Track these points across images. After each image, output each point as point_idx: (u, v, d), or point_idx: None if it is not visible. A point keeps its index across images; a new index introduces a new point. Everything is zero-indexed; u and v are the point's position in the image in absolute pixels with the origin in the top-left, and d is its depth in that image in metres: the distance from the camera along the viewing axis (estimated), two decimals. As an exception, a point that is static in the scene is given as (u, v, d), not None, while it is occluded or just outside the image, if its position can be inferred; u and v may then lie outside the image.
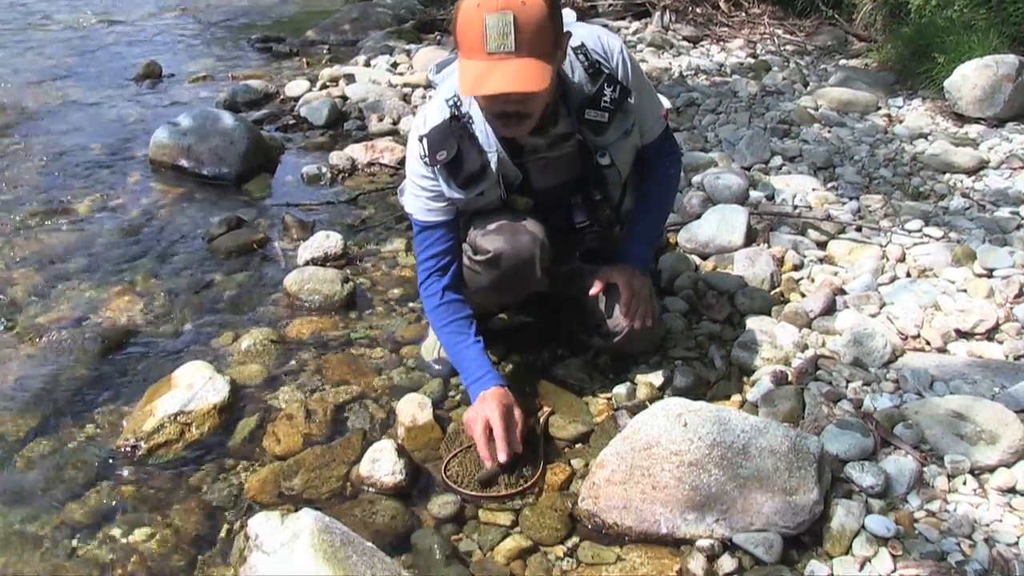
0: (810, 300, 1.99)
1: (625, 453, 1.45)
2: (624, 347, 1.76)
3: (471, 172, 1.53)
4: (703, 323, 1.99)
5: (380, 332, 2.06)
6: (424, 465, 1.60)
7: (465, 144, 1.52)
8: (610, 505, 1.42)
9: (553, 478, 1.56)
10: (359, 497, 1.53)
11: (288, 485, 1.55)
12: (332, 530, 1.29)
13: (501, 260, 1.58)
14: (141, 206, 2.80)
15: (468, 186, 1.56)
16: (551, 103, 1.52)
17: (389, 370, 1.91)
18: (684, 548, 1.38)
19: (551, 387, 1.81)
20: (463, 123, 1.53)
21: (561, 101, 1.56)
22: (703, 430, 1.42)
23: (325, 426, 1.71)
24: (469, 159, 1.52)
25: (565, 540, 1.43)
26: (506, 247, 1.57)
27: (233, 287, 2.29)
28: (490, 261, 1.59)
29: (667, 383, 1.77)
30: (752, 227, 2.29)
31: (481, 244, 1.60)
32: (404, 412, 1.71)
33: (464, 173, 1.53)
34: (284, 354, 1.97)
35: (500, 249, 1.57)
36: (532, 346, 1.93)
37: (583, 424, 1.70)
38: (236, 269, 2.39)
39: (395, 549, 1.40)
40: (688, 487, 1.38)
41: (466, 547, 1.43)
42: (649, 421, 1.47)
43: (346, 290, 2.19)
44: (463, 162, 1.52)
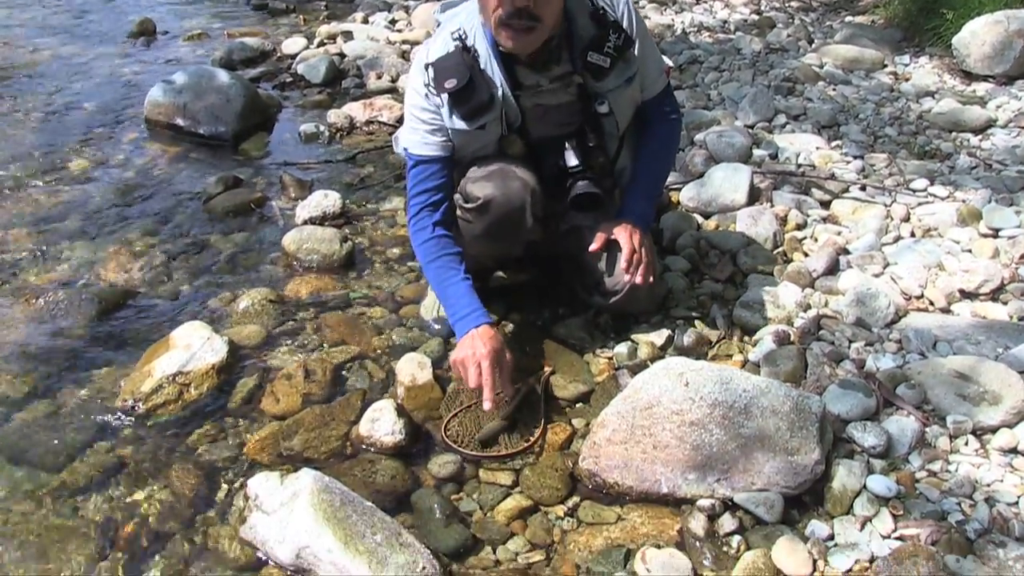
0: (813, 260, 1.96)
1: (626, 412, 1.43)
2: (625, 305, 1.75)
3: (480, 102, 1.52)
4: (705, 282, 1.97)
5: (379, 291, 2.05)
6: (424, 425, 1.59)
7: (476, 73, 1.51)
8: (611, 465, 1.41)
9: (554, 437, 1.56)
10: (359, 457, 1.52)
11: (287, 445, 1.54)
12: (332, 490, 1.30)
13: (491, 207, 1.57)
14: (137, 166, 2.76)
15: (473, 117, 1.55)
16: (556, 36, 1.52)
17: (388, 329, 1.90)
18: (685, 508, 1.37)
19: (552, 346, 1.79)
20: (472, 55, 1.53)
21: (565, 41, 1.55)
22: (705, 390, 1.40)
23: (324, 386, 1.70)
24: (479, 88, 1.52)
25: (566, 500, 1.43)
26: (496, 193, 1.56)
27: (231, 247, 2.27)
28: (481, 208, 1.58)
29: (668, 342, 1.76)
30: (755, 186, 2.26)
31: (472, 191, 1.59)
32: (403, 371, 1.69)
33: (473, 102, 1.52)
34: (283, 314, 1.95)
35: (490, 195, 1.56)
36: (532, 305, 1.92)
37: (584, 384, 1.69)
38: (234, 229, 2.36)
39: (395, 509, 1.39)
40: (689, 447, 1.37)
41: (466, 507, 1.42)
42: (650, 380, 1.46)
43: (345, 249, 2.17)
44: (473, 91, 1.51)
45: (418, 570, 1.21)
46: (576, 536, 1.35)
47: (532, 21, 1.45)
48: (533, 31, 1.47)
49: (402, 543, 1.25)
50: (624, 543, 1.33)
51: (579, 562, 1.31)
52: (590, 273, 1.74)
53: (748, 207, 2.18)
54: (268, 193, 2.56)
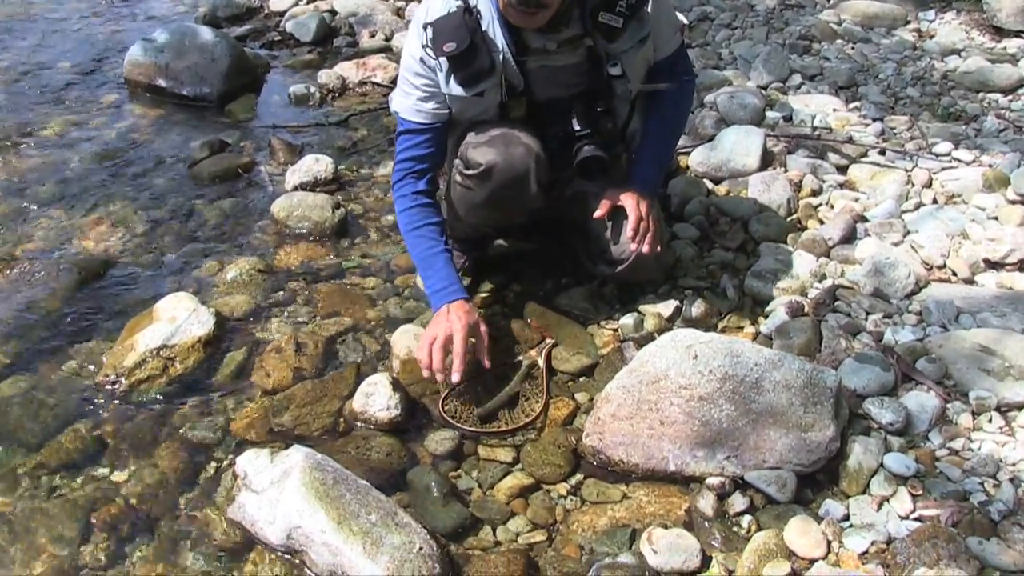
0: (829, 227, 1.94)
1: (632, 387, 1.42)
2: (631, 275, 1.73)
3: (480, 68, 1.50)
4: (715, 251, 1.96)
5: (374, 260, 2.03)
6: (420, 399, 1.59)
7: (477, 37, 1.49)
8: (616, 441, 1.40)
9: (556, 413, 1.55)
10: (352, 433, 1.51)
11: (278, 421, 1.53)
12: (324, 468, 1.28)
13: (494, 173, 1.54)
14: (116, 129, 2.71)
15: (471, 83, 1.52)
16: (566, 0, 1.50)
17: (383, 300, 1.88)
18: (693, 486, 1.37)
19: (554, 318, 1.78)
20: (475, 17, 1.51)
21: (574, 1, 1.53)
22: (714, 363, 1.39)
23: (316, 359, 1.68)
24: (480, 54, 1.49)
25: (568, 477, 1.42)
26: (499, 159, 1.53)
27: (217, 214, 2.24)
28: (482, 175, 1.55)
29: (676, 313, 1.75)
30: (768, 150, 2.24)
31: (472, 157, 1.56)
32: (399, 344, 1.68)
33: (472, 68, 1.50)
34: (272, 284, 1.93)
35: (492, 161, 1.53)
36: (534, 275, 1.91)
37: (588, 356, 1.68)
38: (220, 195, 2.33)
39: (390, 487, 1.38)
40: (698, 422, 1.36)
41: (465, 485, 1.42)
42: (657, 353, 1.44)
43: (337, 216, 2.15)
44: (474, 56, 1.49)
45: (415, 551, 1.20)
46: (579, 515, 1.34)
47: (540, 7, 1.45)
48: (542, 11, 1.46)
49: (398, 523, 1.24)
50: (629, 523, 1.32)
51: (582, 542, 1.30)
52: (595, 241, 1.73)
53: (760, 172, 2.15)
54: (256, 158, 2.53)
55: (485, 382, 1.59)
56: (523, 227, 1.87)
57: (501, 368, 1.62)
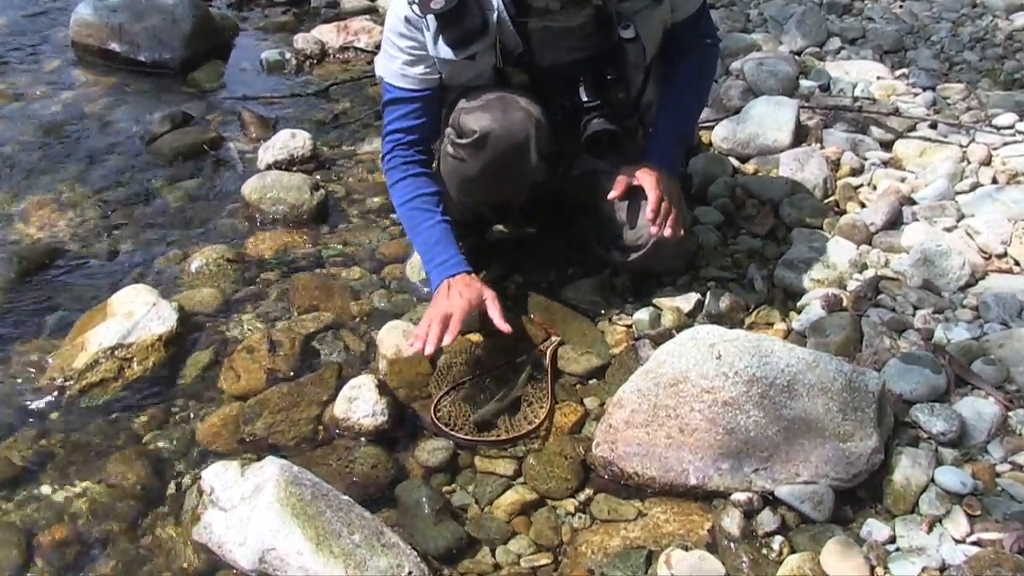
0: (871, 211, 1.94)
1: (647, 390, 1.43)
2: (648, 263, 1.74)
3: (471, 28, 1.50)
4: (741, 237, 1.96)
5: (357, 248, 2.04)
6: (410, 404, 1.59)
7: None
8: (629, 451, 1.41)
9: (562, 420, 1.55)
10: (333, 443, 1.52)
11: (249, 430, 1.54)
12: (301, 482, 1.29)
13: (489, 141, 1.55)
14: (63, 100, 2.72)
15: (461, 45, 1.52)
16: None
17: (368, 293, 1.89)
18: (717, 503, 1.37)
19: (560, 312, 1.79)
20: None
21: None
22: (740, 363, 1.39)
23: (292, 360, 1.69)
24: (471, 11, 1.49)
25: (576, 492, 1.42)
26: (495, 126, 1.54)
27: (180, 197, 2.25)
28: (476, 143, 1.56)
29: (698, 308, 1.76)
30: (802, 123, 2.25)
31: (466, 123, 1.57)
32: (386, 342, 1.68)
33: (463, 28, 1.50)
34: (243, 275, 1.95)
35: (488, 128, 1.54)
36: (537, 264, 1.92)
37: (598, 356, 1.68)
38: (183, 175, 2.34)
39: (376, 503, 1.39)
40: (722, 430, 1.36)
41: (460, 500, 1.42)
42: (676, 352, 1.45)
43: (316, 199, 2.17)
44: (464, 13, 1.49)
45: (403, 575, 1.20)
46: (589, 535, 1.35)
47: None
48: None
49: (384, 544, 1.24)
50: (645, 543, 1.32)
51: (592, 566, 1.30)
52: (607, 225, 1.73)
53: (793, 148, 2.17)
54: (224, 132, 2.54)
55: (483, 385, 1.60)
56: (524, 209, 1.88)
57: (500, 370, 1.63)
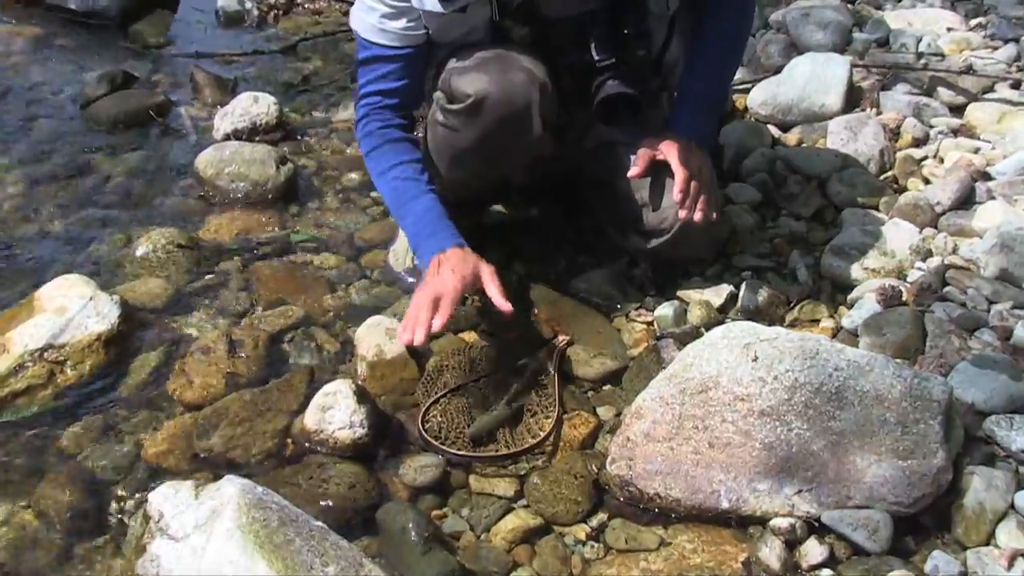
0: (937, 188, 1.95)
1: (671, 398, 1.43)
2: (673, 250, 1.75)
3: None
4: (782, 219, 1.98)
5: (332, 232, 2.05)
6: (394, 415, 1.60)
7: None
8: (650, 469, 1.41)
9: (572, 432, 1.56)
10: (304, 460, 1.52)
11: (205, 445, 1.54)
12: (266, 505, 1.27)
13: (485, 107, 1.55)
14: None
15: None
16: None
17: (345, 285, 1.90)
18: (753, 530, 1.37)
19: (569, 307, 1.80)
20: None
21: None
22: (781, 367, 1.39)
23: (256, 362, 1.70)
24: None
25: (588, 517, 1.42)
26: (492, 89, 1.54)
27: (122, 171, 2.25)
28: (470, 109, 1.56)
29: (730, 302, 1.77)
30: (855, 85, 2.26)
31: (458, 86, 1.57)
32: (366, 342, 1.69)
33: None
34: (198, 264, 1.95)
35: (484, 91, 1.54)
36: (543, 251, 1.93)
37: (613, 358, 1.69)
38: (125, 146, 2.34)
39: (354, 530, 1.38)
40: (759, 445, 1.36)
41: (452, 526, 1.42)
42: (705, 354, 1.45)
43: (283, 175, 2.18)
44: None
45: (386, 615, 1.20)
46: (603, 568, 1.34)
47: None
48: None
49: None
50: (669, 577, 1.33)
51: (607, 603, 1.31)
52: (626, 206, 1.73)
53: (844, 115, 2.17)
54: (174, 96, 2.54)
55: (479, 392, 1.60)
56: (528, 187, 1.88)
57: (499, 374, 1.63)
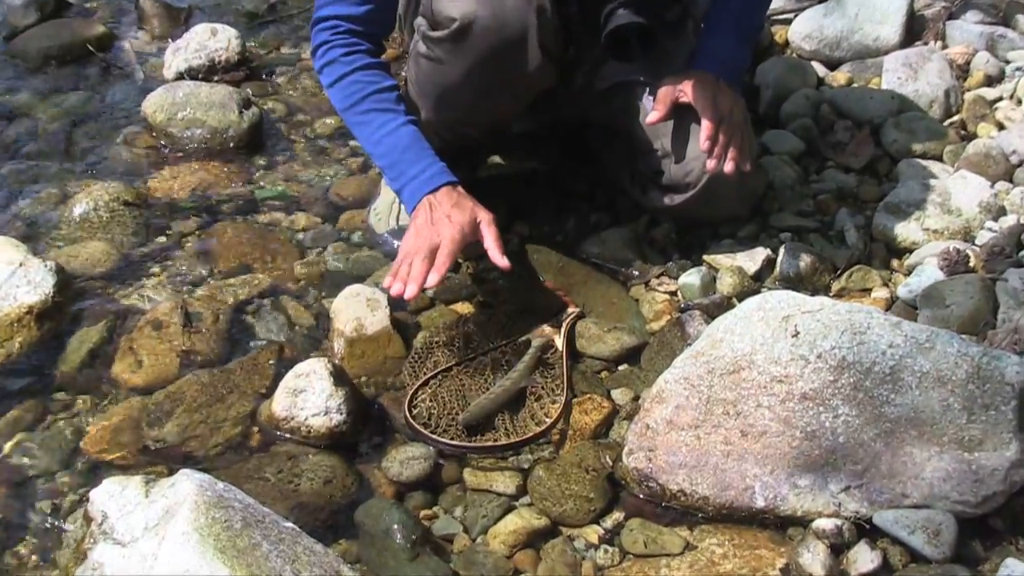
0: (1013, 134, 1.94)
1: (698, 379, 1.43)
2: (700, 208, 1.76)
3: None
4: (828, 172, 1.98)
5: (304, 188, 2.07)
6: (377, 399, 1.60)
7: None
8: (674, 462, 1.41)
9: (582, 419, 1.56)
10: (272, 450, 1.52)
11: (156, 434, 1.53)
12: (228, 504, 1.27)
13: (474, 33, 1.56)
14: None
15: None
16: None
17: (319, 249, 1.92)
18: (793, 532, 1.37)
19: (580, 274, 1.81)
20: None
21: None
22: (825, 343, 1.38)
23: (216, 339, 1.70)
24: None
25: (601, 517, 1.42)
26: (481, 12, 1.55)
27: (56, 116, 2.25)
28: (457, 35, 1.57)
29: (767, 268, 1.78)
30: (916, 13, 2.25)
31: (442, 9, 1.57)
32: (344, 314, 1.69)
33: None
34: (147, 224, 1.95)
35: (471, 14, 1.55)
36: (549, 208, 1.94)
37: (630, 333, 1.70)
38: (59, 85, 2.35)
39: (331, 532, 1.39)
40: (800, 434, 1.36)
41: (444, 528, 1.42)
42: (737, 329, 1.45)
43: (247, 120, 2.19)
44: None
45: (367, 630, 1.20)
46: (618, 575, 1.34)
47: None
48: None
49: (341, 588, 1.24)
50: (695, 587, 1.32)
51: (623, 617, 1.31)
52: (645, 157, 1.73)
53: (903, 49, 2.16)
54: (116, 27, 2.56)
55: (475, 372, 1.59)
56: (530, 134, 1.88)
57: (499, 351, 1.63)
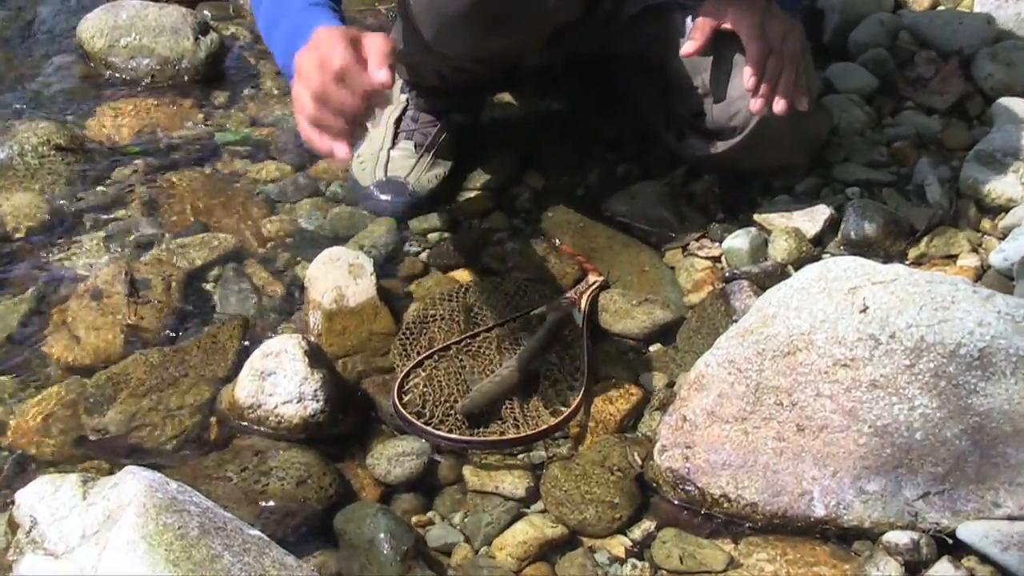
0: None
1: (746, 363, 1.44)
2: (748, 157, 1.78)
3: None
4: (906, 114, 2.00)
5: (272, 132, 2.09)
6: (360, 382, 1.62)
7: None
8: (716, 461, 1.41)
9: (606, 408, 1.57)
10: (235, 444, 1.52)
11: (96, 424, 1.54)
12: (183, 507, 1.26)
13: None
14: None
15: None
16: None
17: (291, 203, 1.94)
18: (859, 546, 1.36)
19: (604, 236, 1.83)
20: None
21: None
22: (900, 320, 1.38)
23: (168, 311, 1.71)
24: None
25: (629, 527, 1.42)
26: None
27: None
28: None
29: (830, 229, 1.79)
30: None
31: None
32: (321, 283, 1.71)
33: None
34: (83, 173, 1.97)
35: None
36: (568, 158, 1.97)
37: (664, 307, 1.71)
38: None
39: (305, 541, 1.38)
40: (869, 430, 1.36)
41: (441, 538, 1.42)
42: (793, 302, 1.45)
43: (205, 49, 2.22)
44: None
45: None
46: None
47: None
48: None
49: (318, 608, 1.25)
50: (741, 611, 1.35)
51: (655, 648, 1.33)
52: (682, 96, 1.76)
53: None
54: None
55: (477, 352, 1.61)
56: (546, 69, 1.92)
57: (506, 327, 1.64)
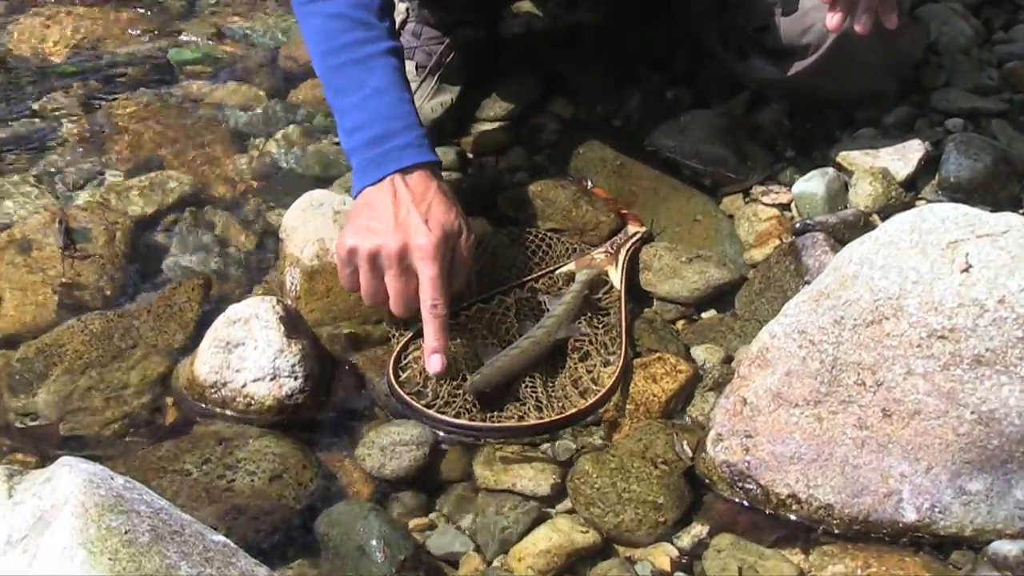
0: None
1: (820, 333, 1.46)
2: (824, 82, 1.83)
3: None
4: (1021, 28, 1.94)
5: (241, 48, 2.13)
6: (347, 356, 1.65)
7: None
8: (783, 454, 1.43)
9: (649, 389, 1.59)
10: (195, 431, 1.55)
11: (23, 406, 1.57)
12: (130, 507, 1.27)
13: None
14: None
15: None
16: None
17: (263, 137, 2.04)
18: (959, 557, 1.39)
19: (646, 177, 1.90)
20: None
21: None
22: (1012, 283, 1.40)
23: (112, 267, 1.76)
24: None
25: (676, 533, 1.45)
26: None
27: None
28: None
29: (925, 171, 1.84)
30: None
31: None
32: (300, 234, 1.74)
33: None
34: (6, 97, 2.04)
35: None
36: (601, 81, 1.96)
37: (720, 265, 1.77)
38: None
39: (280, 547, 1.40)
40: (971, 416, 1.37)
41: (445, 543, 1.44)
42: (879, 259, 1.47)
43: None
44: None
45: None
46: None
47: None
48: None
49: (295, 630, 1.24)
50: (815, 634, 1.33)
51: None
52: (743, 5, 1.81)
53: None
54: None
55: (490, 321, 1.64)
56: None
57: (526, 289, 1.69)
